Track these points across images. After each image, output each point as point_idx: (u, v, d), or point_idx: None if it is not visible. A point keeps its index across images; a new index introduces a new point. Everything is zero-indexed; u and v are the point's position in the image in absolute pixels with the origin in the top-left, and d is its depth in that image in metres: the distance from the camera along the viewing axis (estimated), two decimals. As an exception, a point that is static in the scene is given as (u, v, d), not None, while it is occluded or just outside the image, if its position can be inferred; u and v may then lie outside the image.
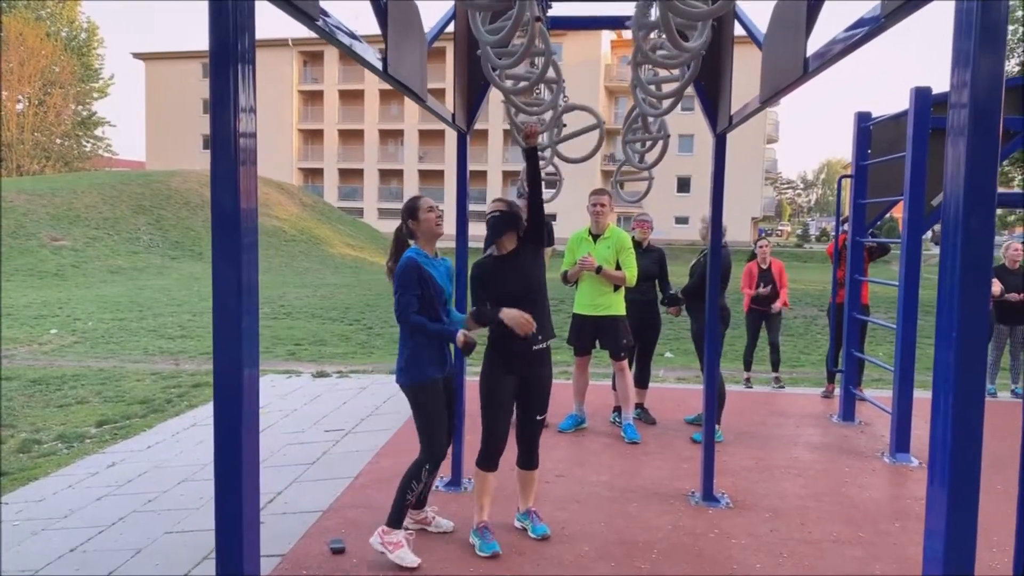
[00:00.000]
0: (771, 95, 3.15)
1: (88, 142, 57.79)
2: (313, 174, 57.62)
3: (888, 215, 7.77)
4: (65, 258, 23.01)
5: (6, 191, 26.79)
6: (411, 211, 3.92)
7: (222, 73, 2.04)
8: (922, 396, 7.91)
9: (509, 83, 3.38)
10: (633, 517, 4.43)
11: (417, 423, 3.93)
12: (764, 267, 7.96)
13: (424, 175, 54.55)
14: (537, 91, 4.43)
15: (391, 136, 56.26)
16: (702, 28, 2.56)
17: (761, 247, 8.13)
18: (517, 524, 4.23)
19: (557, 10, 4.69)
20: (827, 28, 2.73)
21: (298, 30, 56.36)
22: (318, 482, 5.03)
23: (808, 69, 2.70)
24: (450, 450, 4.59)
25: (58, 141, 55.21)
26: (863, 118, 6.51)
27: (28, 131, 51.90)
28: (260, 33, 2.13)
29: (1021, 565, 2.35)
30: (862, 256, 6.76)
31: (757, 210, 49.97)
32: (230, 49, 2.03)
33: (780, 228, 75.97)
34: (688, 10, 2.29)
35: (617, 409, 6.49)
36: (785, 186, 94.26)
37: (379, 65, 2.87)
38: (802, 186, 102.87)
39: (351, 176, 56.96)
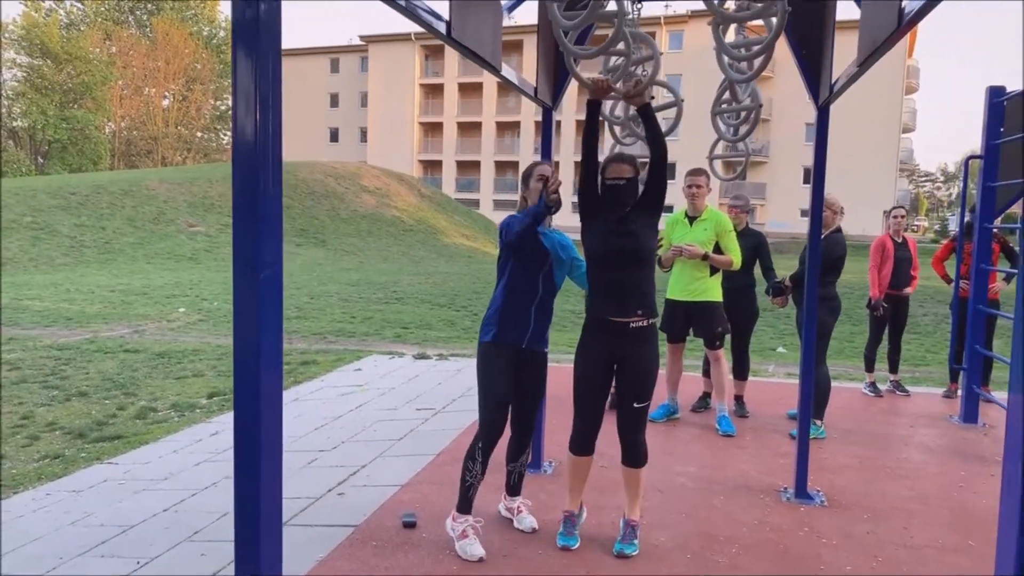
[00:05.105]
0: (868, 54, 2.90)
1: (225, 135, 61.48)
2: (432, 166, 58.89)
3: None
4: (199, 243, 24.47)
5: (150, 180, 28.78)
6: (525, 177, 3.79)
7: (247, 68, 2.02)
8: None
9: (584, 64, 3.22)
10: (717, 510, 4.22)
11: (479, 392, 3.76)
12: (899, 240, 7.00)
13: (540, 166, 54.69)
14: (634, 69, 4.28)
15: (508, 128, 56.73)
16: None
17: (896, 217, 7.07)
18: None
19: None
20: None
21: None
22: (401, 457, 5.08)
23: (903, 20, 2.45)
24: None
25: (199, 134, 59.13)
26: (995, 93, 5.96)
27: (172, 125, 55.80)
28: (385, 29, 2.03)
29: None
30: (990, 245, 6.20)
31: (890, 202, 47.23)
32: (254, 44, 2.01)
33: (916, 223, 71.90)
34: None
35: (705, 396, 6.28)
36: (923, 179, 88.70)
37: (442, 29, 2.82)
38: (942, 179, 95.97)
39: (468, 168, 57.84)
